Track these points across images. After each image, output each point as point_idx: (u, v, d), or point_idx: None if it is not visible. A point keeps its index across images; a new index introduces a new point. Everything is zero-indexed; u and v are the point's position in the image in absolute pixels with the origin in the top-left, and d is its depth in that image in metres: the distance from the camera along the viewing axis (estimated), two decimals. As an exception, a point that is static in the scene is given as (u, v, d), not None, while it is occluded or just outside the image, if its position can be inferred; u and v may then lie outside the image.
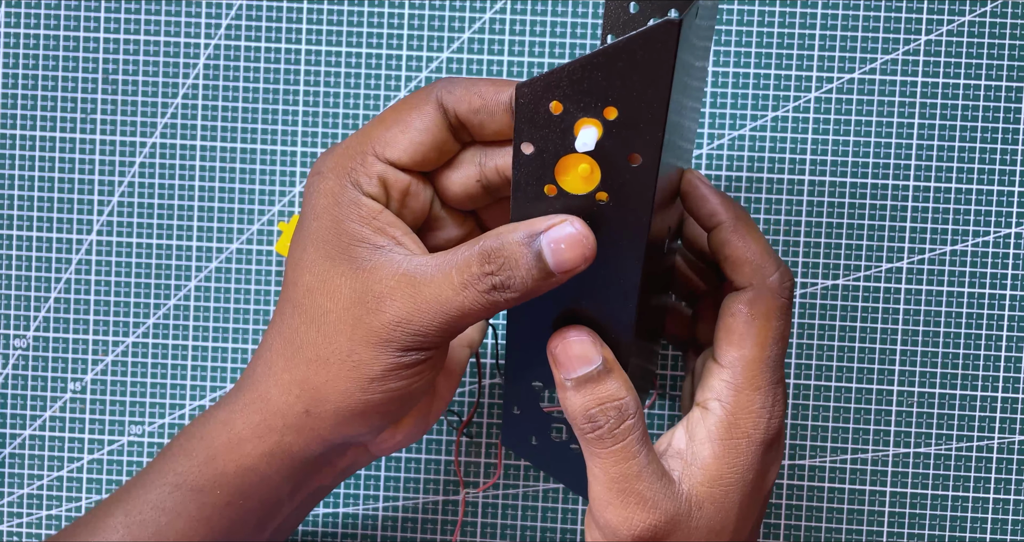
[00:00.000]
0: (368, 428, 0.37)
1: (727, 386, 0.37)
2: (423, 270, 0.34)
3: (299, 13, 0.49)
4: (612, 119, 0.31)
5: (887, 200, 0.49)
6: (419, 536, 0.50)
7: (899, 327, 0.49)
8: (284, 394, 0.36)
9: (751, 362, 0.37)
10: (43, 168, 0.50)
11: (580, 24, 0.49)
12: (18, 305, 0.50)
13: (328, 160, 0.36)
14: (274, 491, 0.38)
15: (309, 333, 0.36)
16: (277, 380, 0.37)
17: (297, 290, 0.36)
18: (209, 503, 0.38)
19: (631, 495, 0.36)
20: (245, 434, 0.37)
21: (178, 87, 0.50)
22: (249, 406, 0.37)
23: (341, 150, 0.36)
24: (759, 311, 0.37)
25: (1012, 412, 0.49)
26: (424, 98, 0.36)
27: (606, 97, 0.31)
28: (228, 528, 0.38)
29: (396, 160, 0.36)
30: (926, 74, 0.49)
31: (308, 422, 0.36)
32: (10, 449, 0.50)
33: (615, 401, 0.36)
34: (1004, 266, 0.49)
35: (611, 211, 0.33)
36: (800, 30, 0.49)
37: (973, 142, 0.49)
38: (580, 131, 0.32)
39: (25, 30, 0.49)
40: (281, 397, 0.37)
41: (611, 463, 0.36)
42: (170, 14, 0.49)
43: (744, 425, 0.37)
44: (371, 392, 0.35)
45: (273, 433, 0.37)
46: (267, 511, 0.39)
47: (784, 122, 0.49)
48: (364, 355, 0.35)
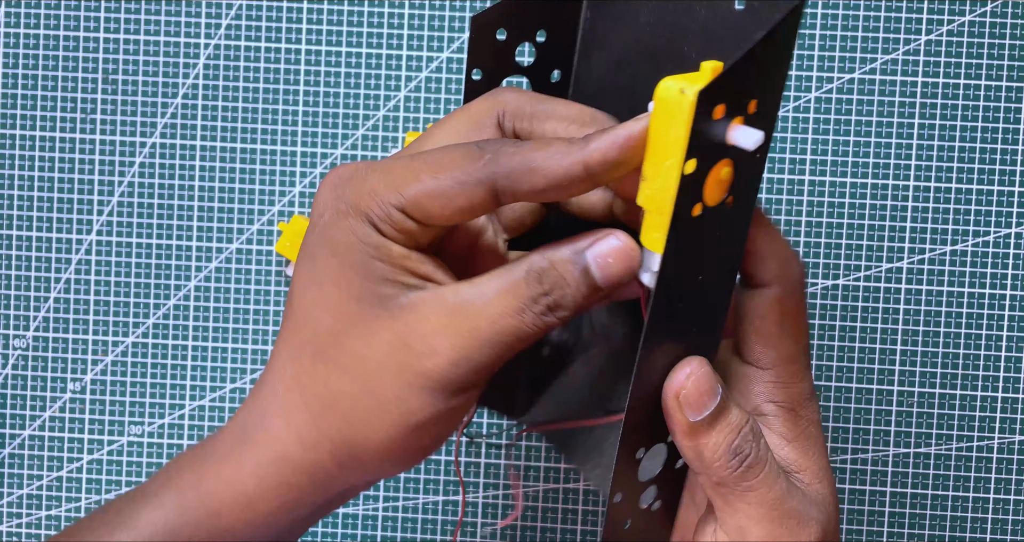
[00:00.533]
0: (405, 469, 0.34)
1: (776, 386, 0.35)
2: (472, 300, 0.31)
3: (299, 13, 0.49)
4: (752, 112, 0.30)
5: (887, 200, 0.49)
6: (419, 536, 0.50)
7: (899, 327, 0.49)
8: (311, 451, 0.33)
9: (793, 357, 0.35)
10: (43, 168, 0.50)
11: (580, 24, 0.49)
12: (18, 305, 0.50)
13: (351, 194, 0.32)
14: (286, 532, 0.36)
15: (342, 383, 0.32)
16: (300, 437, 0.33)
17: (319, 335, 0.32)
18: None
19: (791, 517, 0.34)
20: (258, 493, 0.34)
21: (178, 87, 0.50)
22: (264, 466, 0.33)
23: (369, 189, 0.32)
24: (789, 310, 0.35)
25: (1012, 412, 0.49)
26: (473, 173, 0.31)
27: (753, 90, 0.29)
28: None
29: (428, 223, 0.32)
30: (926, 74, 0.49)
31: (340, 476, 0.34)
32: (10, 449, 0.50)
33: (747, 423, 0.34)
34: (1004, 266, 0.49)
35: (727, 215, 0.31)
36: (800, 30, 0.49)
37: (973, 142, 0.49)
38: (735, 131, 0.29)
39: (25, 30, 0.49)
40: (307, 455, 0.33)
41: (766, 489, 0.33)
42: (170, 14, 0.49)
43: (806, 414, 0.35)
44: (422, 440, 0.33)
45: (294, 490, 0.34)
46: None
47: (784, 122, 0.49)
48: (415, 403, 0.32)
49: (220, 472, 0.34)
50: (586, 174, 0.30)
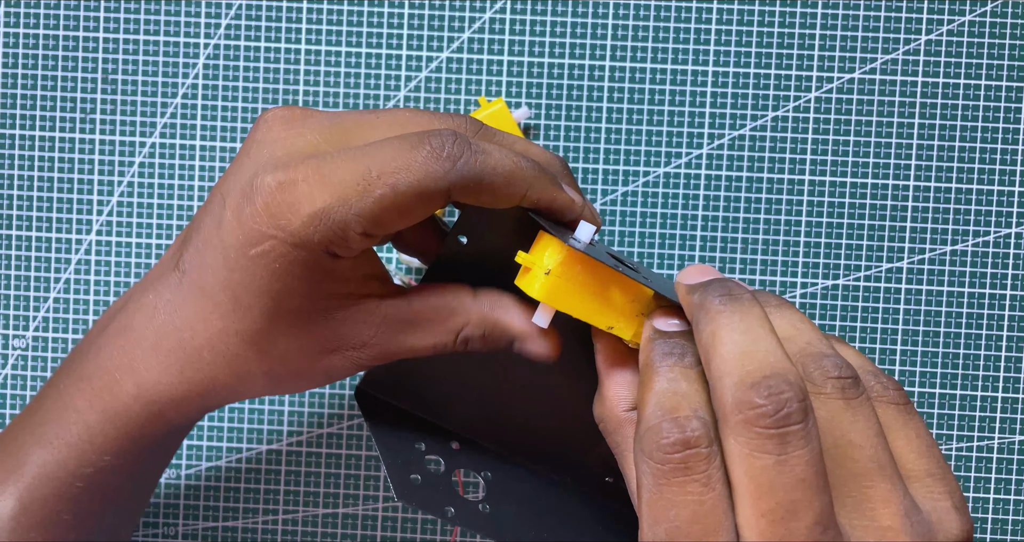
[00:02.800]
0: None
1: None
2: (406, 322, 0.35)
3: (299, 13, 0.49)
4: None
5: (887, 200, 0.49)
6: (419, 536, 0.50)
7: (899, 327, 0.49)
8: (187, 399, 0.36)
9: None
10: (43, 168, 0.50)
11: (580, 24, 0.49)
12: (17, 305, 0.50)
13: (298, 222, 0.31)
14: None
15: (268, 365, 0.35)
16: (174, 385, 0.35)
17: (251, 331, 0.34)
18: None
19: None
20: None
21: (178, 87, 0.50)
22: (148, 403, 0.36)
23: (319, 211, 0.31)
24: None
25: (1012, 412, 0.49)
26: (434, 184, 0.31)
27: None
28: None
29: (384, 233, 0.33)
30: (926, 74, 0.49)
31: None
32: (9, 449, 0.50)
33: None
34: (1004, 266, 0.49)
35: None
36: (800, 30, 0.49)
37: (973, 142, 0.49)
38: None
39: (25, 30, 0.49)
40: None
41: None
42: (170, 14, 0.49)
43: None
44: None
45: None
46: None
47: (784, 122, 0.49)
48: (343, 373, 0.36)
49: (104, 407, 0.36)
50: (527, 201, 0.33)
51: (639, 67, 0.49)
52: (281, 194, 0.31)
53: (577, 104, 0.49)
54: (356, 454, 0.50)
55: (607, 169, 0.49)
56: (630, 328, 0.33)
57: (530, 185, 0.32)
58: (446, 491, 0.39)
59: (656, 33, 0.49)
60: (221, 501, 0.50)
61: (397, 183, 0.31)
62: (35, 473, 0.36)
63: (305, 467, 0.50)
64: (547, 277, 0.32)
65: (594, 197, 0.49)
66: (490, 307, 0.35)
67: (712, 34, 0.49)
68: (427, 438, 0.40)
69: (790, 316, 0.31)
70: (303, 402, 0.50)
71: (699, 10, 0.49)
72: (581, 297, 0.32)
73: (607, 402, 0.34)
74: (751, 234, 0.49)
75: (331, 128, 0.33)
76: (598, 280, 0.32)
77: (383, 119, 0.33)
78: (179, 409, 0.36)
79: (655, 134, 0.49)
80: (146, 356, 0.35)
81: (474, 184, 0.31)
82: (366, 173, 0.31)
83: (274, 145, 0.32)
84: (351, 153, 0.31)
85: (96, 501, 0.37)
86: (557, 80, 0.49)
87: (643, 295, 0.33)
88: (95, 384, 0.36)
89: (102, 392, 0.36)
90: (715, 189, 0.49)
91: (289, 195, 0.31)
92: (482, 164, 0.31)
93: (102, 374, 0.36)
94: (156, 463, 0.39)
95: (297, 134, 0.33)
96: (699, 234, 0.49)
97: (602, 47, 0.49)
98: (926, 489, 0.30)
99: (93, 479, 0.37)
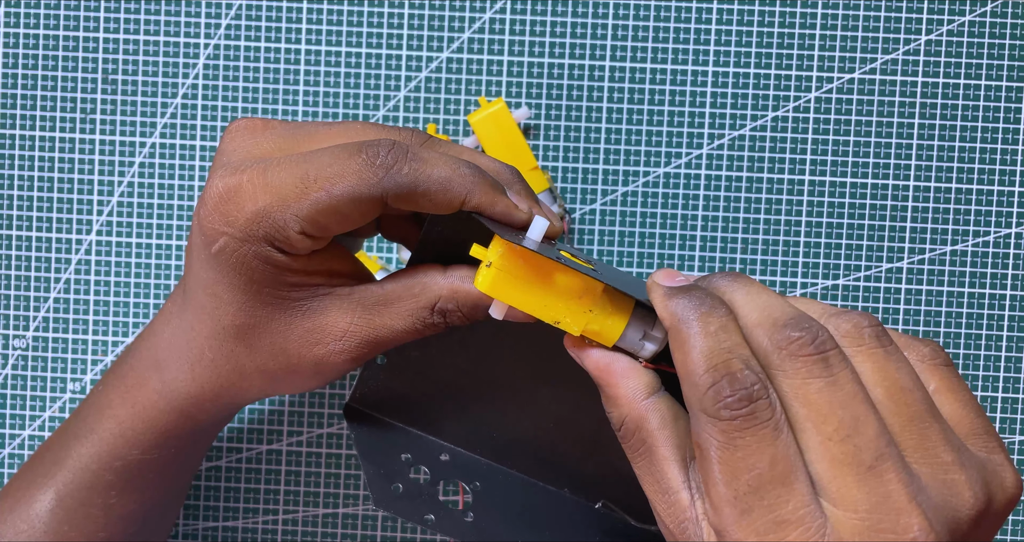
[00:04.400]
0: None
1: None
2: (376, 302, 0.36)
3: (299, 13, 0.49)
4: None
5: (887, 200, 0.49)
6: (419, 536, 0.50)
7: (899, 327, 0.49)
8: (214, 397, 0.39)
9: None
10: (43, 168, 0.50)
11: (580, 24, 0.49)
12: (18, 305, 0.50)
13: (244, 221, 0.34)
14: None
15: (260, 361, 0.37)
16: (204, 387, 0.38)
17: (236, 328, 0.36)
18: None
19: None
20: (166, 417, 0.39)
21: (178, 87, 0.50)
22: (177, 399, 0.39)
23: (260, 210, 0.33)
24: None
25: (1012, 412, 0.49)
26: (367, 190, 0.33)
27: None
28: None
29: (326, 235, 0.34)
30: (926, 74, 0.49)
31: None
32: (9, 449, 0.50)
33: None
34: (1004, 266, 0.49)
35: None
36: (800, 30, 0.49)
37: (973, 142, 0.49)
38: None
39: (25, 30, 0.49)
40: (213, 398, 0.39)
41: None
42: (170, 14, 0.49)
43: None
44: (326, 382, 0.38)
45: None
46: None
47: (784, 122, 0.49)
48: (331, 371, 0.37)
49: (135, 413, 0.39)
50: (467, 206, 0.34)
51: (639, 67, 0.49)
52: (229, 195, 0.34)
53: (577, 104, 0.49)
54: (356, 454, 0.50)
55: (607, 169, 0.49)
56: (578, 323, 0.33)
57: (469, 191, 0.33)
58: (428, 500, 0.40)
59: (656, 33, 0.49)
60: (221, 501, 0.50)
61: (332, 188, 0.33)
62: (72, 466, 0.40)
63: (305, 467, 0.50)
64: (488, 270, 0.33)
65: (594, 197, 0.49)
66: (460, 279, 0.36)
67: (712, 34, 0.49)
68: (415, 449, 0.41)
69: (796, 296, 0.34)
70: (303, 402, 0.50)
71: (699, 10, 0.49)
72: (525, 290, 0.33)
73: (621, 400, 0.33)
74: (751, 234, 0.49)
75: (286, 137, 0.35)
76: (542, 275, 0.33)
77: (335, 130, 0.35)
78: (199, 406, 0.38)
79: (655, 134, 0.49)
80: (166, 356, 0.38)
81: (408, 191, 0.33)
82: (304, 177, 0.33)
83: (234, 154, 0.35)
84: (294, 159, 0.34)
85: (126, 499, 0.40)
86: (557, 80, 0.49)
87: (593, 291, 0.33)
88: (127, 382, 0.39)
89: (132, 388, 0.39)
90: (715, 189, 0.49)
91: (236, 196, 0.34)
92: (416, 172, 0.33)
93: (132, 373, 0.39)
94: (185, 464, 0.42)
95: (255, 143, 0.35)
96: (699, 234, 0.49)
97: (602, 47, 0.49)
98: (980, 441, 0.31)
99: (122, 474, 0.39)
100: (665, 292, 0.32)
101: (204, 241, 0.34)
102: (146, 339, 0.39)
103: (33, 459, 0.42)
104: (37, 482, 0.40)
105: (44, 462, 0.40)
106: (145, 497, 0.41)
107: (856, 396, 0.29)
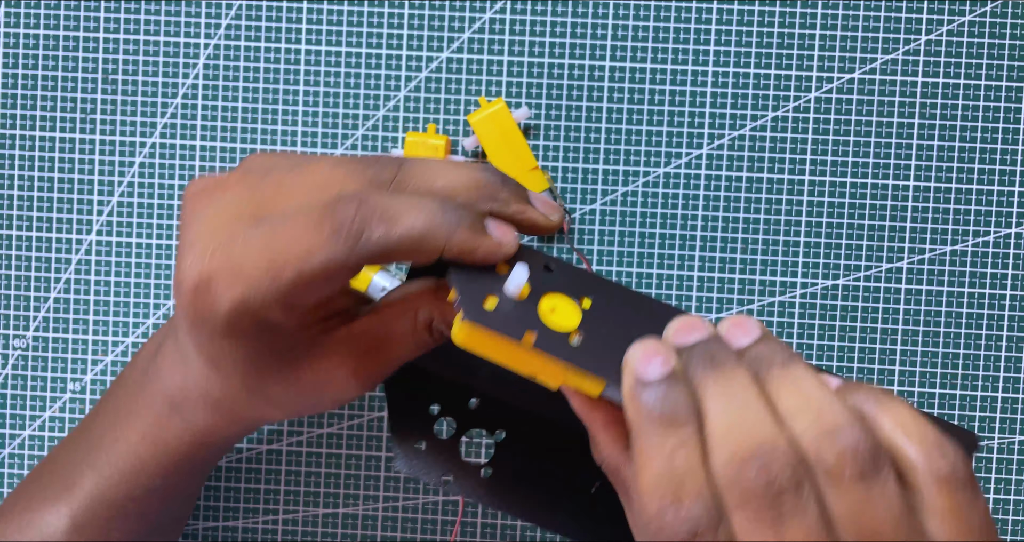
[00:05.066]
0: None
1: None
2: (373, 338, 0.36)
3: (299, 13, 0.49)
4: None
5: (887, 200, 0.49)
6: (419, 536, 0.50)
7: (899, 327, 0.49)
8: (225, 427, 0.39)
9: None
10: (43, 168, 0.50)
11: (580, 24, 0.49)
12: (18, 305, 0.50)
13: (221, 314, 0.32)
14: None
15: (270, 409, 0.37)
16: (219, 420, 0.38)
17: (242, 383, 0.35)
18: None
19: None
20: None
21: (178, 87, 0.50)
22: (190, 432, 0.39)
23: (236, 298, 0.32)
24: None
25: (1012, 412, 0.49)
26: (342, 260, 0.31)
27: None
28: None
29: (306, 303, 0.33)
30: (926, 74, 0.49)
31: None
32: (9, 450, 0.50)
33: None
34: (1004, 266, 0.49)
35: None
36: (800, 30, 0.49)
37: (973, 142, 0.49)
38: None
39: (25, 30, 0.49)
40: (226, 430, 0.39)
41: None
42: (170, 14, 0.49)
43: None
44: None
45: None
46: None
47: (784, 122, 0.49)
48: (346, 398, 0.37)
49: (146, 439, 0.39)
50: (447, 256, 0.32)
51: (639, 67, 0.49)
52: (202, 289, 0.32)
53: (577, 104, 0.49)
54: (356, 454, 0.50)
55: (607, 169, 0.49)
56: (555, 380, 0.31)
57: (447, 240, 0.31)
58: (448, 457, 0.38)
59: (656, 33, 0.49)
60: (221, 501, 0.50)
61: (303, 268, 0.31)
62: (89, 494, 0.40)
63: (305, 467, 0.50)
64: (463, 323, 0.30)
65: (594, 197, 0.49)
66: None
67: (712, 34, 0.49)
68: (444, 398, 0.39)
69: (797, 378, 0.29)
70: (303, 402, 0.50)
71: (699, 10, 0.49)
72: (500, 346, 0.31)
73: (601, 446, 0.32)
74: (751, 234, 0.49)
75: (248, 199, 0.33)
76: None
77: (301, 180, 0.33)
78: (219, 435, 0.39)
79: (655, 134, 0.49)
80: (182, 399, 0.38)
81: (382, 254, 0.31)
82: (272, 261, 0.31)
83: (198, 229, 0.33)
84: (259, 234, 0.31)
85: (144, 521, 0.41)
86: (557, 80, 0.49)
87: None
88: (146, 419, 0.39)
89: (153, 427, 0.39)
90: (715, 189, 0.49)
91: (209, 289, 0.32)
92: (387, 234, 0.31)
93: (148, 411, 0.39)
94: (199, 478, 0.43)
95: (216, 212, 0.33)
96: (699, 234, 0.49)
97: (602, 47, 0.49)
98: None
99: (143, 500, 0.40)
100: (633, 385, 0.29)
101: (190, 328, 0.34)
102: (154, 381, 0.38)
103: (40, 479, 0.42)
104: (48, 505, 0.40)
105: (55, 486, 0.41)
106: (164, 515, 0.42)
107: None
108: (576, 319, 0.32)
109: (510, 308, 0.31)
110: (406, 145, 0.48)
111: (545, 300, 0.32)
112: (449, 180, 0.33)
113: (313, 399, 0.36)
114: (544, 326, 0.31)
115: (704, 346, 0.29)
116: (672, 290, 0.49)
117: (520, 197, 0.34)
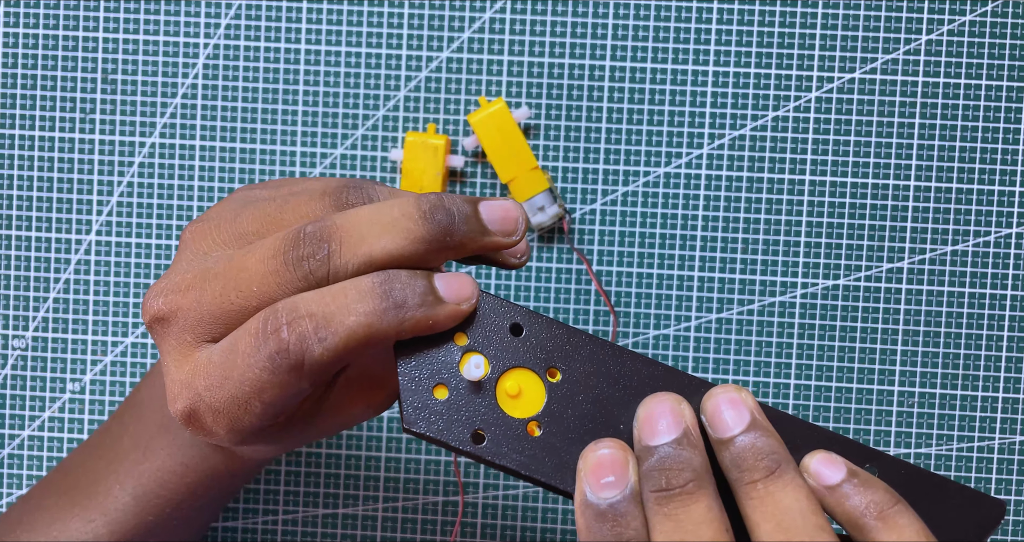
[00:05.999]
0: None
1: None
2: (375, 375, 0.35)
3: (299, 13, 0.49)
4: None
5: (887, 200, 0.49)
6: (419, 536, 0.50)
7: (899, 327, 0.49)
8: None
9: None
10: (42, 168, 0.50)
11: (580, 24, 0.49)
12: (17, 305, 0.50)
13: (217, 437, 0.32)
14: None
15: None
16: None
17: (254, 425, 0.33)
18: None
19: None
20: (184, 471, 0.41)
21: (177, 87, 0.50)
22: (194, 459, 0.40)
23: (227, 431, 0.32)
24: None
25: (1013, 413, 0.49)
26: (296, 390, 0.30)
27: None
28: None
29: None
30: (926, 74, 0.49)
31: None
32: (9, 449, 0.50)
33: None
34: (1005, 266, 0.49)
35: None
36: (800, 30, 0.49)
37: (973, 142, 0.49)
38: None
39: (25, 30, 0.49)
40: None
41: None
42: (169, 14, 0.49)
43: None
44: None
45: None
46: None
47: (784, 122, 0.49)
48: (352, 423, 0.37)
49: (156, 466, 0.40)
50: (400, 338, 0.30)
51: (639, 67, 0.49)
52: (196, 424, 0.32)
53: (577, 104, 0.49)
54: (356, 454, 0.50)
55: (607, 169, 0.49)
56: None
57: (399, 325, 0.29)
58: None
59: (656, 33, 0.49)
60: (221, 501, 0.50)
61: (264, 400, 0.30)
62: (121, 508, 0.41)
63: (305, 467, 0.50)
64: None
65: (594, 197, 0.49)
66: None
67: (712, 34, 0.49)
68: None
69: (777, 491, 0.27)
70: (303, 402, 0.50)
71: (699, 10, 0.49)
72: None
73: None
74: (751, 234, 0.49)
75: (231, 242, 0.32)
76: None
77: (232, 288, 0.31)
78: (239, 465, 0.40)
79: (655, 134, 0.49)
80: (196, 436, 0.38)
81: (334, 363, 0.29)
82: (235, 398, 0.30)
83: (163, 352, 0.32)
84: (218, 371, 0.30)
85: (174, 533, 0.42)
86: (557, 80, 0.49)
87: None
88: (176, 440, 0.40)
89: (184, 446, 0.40)
90: (715, 189, 0.49)
91: (202, 424, 0.32)
92: (330, 346, 0.29)
93: (178, 427, 0.39)
94: (219, 500, 0.43)
95: (202, 255, 0.32)
96: (699, 234, 0.49)
97: (602, 47, 0.49)
98: None
99: (171, 516, 0.41)
100: (583, 501, 0.27)
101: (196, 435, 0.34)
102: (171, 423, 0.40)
103: (57, 485, 0.43)
104: (75, 512, 0.41)
105: (77, 493, 0.42)
106: (188, 527, 0.43)
107: None
108: (539, 401, 0.29)
109: (462, 399, 0.28)
110: (406, 145, 0.48)
111: (507, 378, 0.29)
112: (385, 246, 0.29)
113: (333, 432, 0.36)
114: (501, 415, 0.28)
115: (664, 462, 0.27)
116: (672, 290, 0.49)
117: (474, 227, 0.30)
